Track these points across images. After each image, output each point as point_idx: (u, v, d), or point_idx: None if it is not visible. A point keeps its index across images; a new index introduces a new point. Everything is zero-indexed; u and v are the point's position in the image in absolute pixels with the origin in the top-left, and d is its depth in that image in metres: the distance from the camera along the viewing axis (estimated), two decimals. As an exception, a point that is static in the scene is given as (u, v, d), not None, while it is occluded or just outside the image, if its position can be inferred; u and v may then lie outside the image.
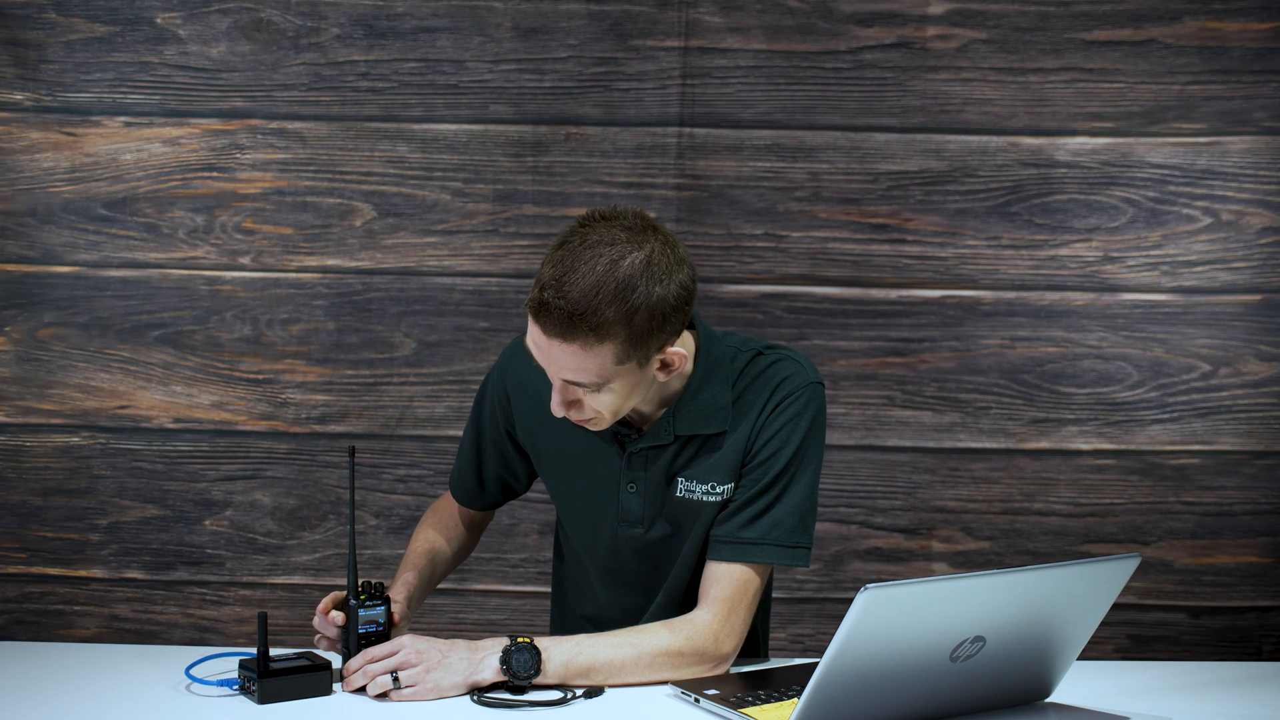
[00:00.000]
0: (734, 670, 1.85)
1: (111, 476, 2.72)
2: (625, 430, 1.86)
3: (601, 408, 1.75)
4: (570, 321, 1.65)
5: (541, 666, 1.73)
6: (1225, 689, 1.93)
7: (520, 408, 1.96)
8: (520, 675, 1.72)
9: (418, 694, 1.72)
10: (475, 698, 1.73)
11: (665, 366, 1.76)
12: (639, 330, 1.68)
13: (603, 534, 1.92)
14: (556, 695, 1.73)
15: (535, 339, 1.72)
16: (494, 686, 1.74)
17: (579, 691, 1.75)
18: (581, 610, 2.02)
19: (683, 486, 1.86)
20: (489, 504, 2.10)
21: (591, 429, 1.81)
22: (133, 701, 1.73)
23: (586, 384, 1.72)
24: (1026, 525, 2.70)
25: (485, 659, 1.74)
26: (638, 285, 1.67)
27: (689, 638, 1.80)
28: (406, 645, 1.74)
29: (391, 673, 1.73)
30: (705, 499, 1.85)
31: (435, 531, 2.09)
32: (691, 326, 1.86)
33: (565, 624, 2.07)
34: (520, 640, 1.74)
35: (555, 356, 1.70)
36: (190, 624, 2.74)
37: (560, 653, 1.76)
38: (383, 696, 1.73)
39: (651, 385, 1.79)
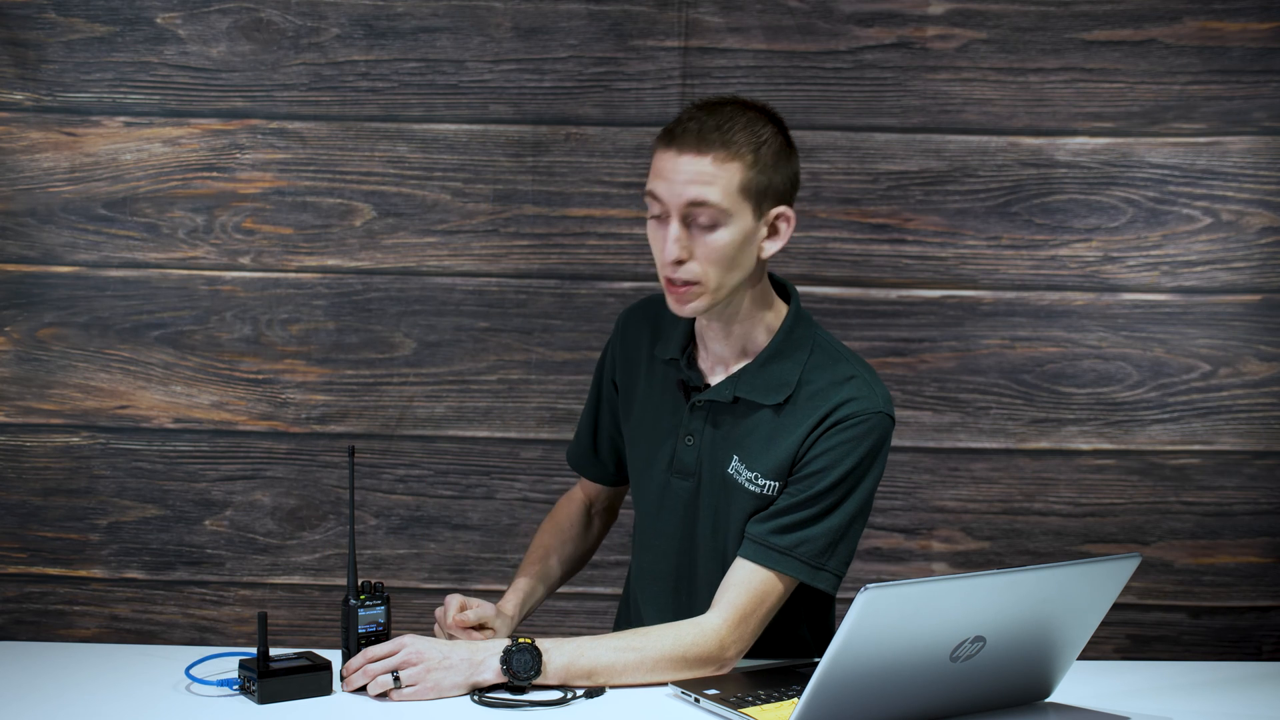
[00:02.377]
0: (739, 669, 1.84)
1: (111, 476, 2.72)
2: (694, 379, 1.89)
3: (710, 263, 1.78)
4: (705, 134, 1.77)
5: (542, 668, 1.73)
6: (1225, 689, 1.93)
7: (624, 351, 2.02)
8: (520, 676, 1.72)
9: (418, 694, 1.72)
10: (476, 698, 1.73)
11: (774, 234, 1.83)
12: (765, 164, 1.79)
13: (654, 481, 1.95)
14: (557, 695, 1.73)
15: (662, 165, 1.79)
16: (494, 687, 1.74)
17: (579, 691, 1.75)
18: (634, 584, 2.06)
19: (734, 465, 1.87)
20: (602, 475, 2.12)
21: (689, 306, 1.81)
22: (133, 701, 1.73)
23: (710, 203, 1.76)
24: (1026, 525, 2.70)
25: (486, 659, 1.74)
26: (765, 132, 1.81)
27: (695, 642, 1.79)
28: (407, 645, 1.74)
29: (392, 672, 1.73)
30: (747, 486, 1.86)
31: (548, 535, 2.13)
32: (787, 299, 1.92)
33: (625, 602, 2.09)
34: (521, 641, 1.74)
35: (683, 170, 1.77)
36: (190, 624, 2.74)
37: (561, 655, 1.75)
38: (383, 696, 1.73)
39: (754, 267, 1.83)
